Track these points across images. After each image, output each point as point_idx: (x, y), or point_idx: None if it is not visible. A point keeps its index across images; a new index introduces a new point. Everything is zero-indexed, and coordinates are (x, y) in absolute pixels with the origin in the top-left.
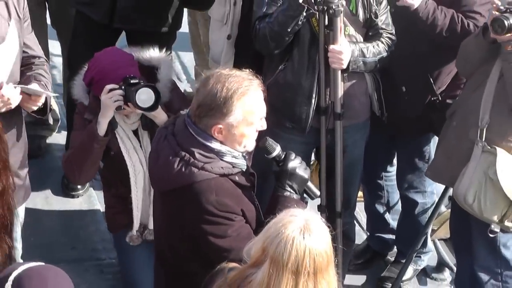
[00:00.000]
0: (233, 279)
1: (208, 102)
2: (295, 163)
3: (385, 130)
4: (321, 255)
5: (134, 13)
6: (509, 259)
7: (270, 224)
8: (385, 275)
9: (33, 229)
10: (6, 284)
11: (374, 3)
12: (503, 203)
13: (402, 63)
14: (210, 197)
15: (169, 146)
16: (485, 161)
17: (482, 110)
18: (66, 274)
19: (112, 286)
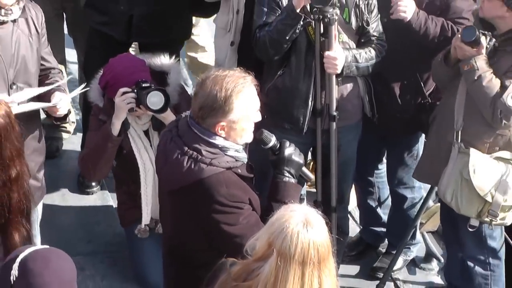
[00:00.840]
0: (238, 273)
1: (210, 103)
2: (290, 150)
3: (376, 130)
4: (323, 245)
5: (149, 28)
6: (495, 248)
7: (273, 220)
8: (377, 265)
9: (51, 224)
10: (14, 265)
11: (366, 12)
12: (477, 201)
13: (394, 67)
14: (221, 189)
15: (176, 147)
16: (461, 161)
17: (456, 114)
18: (68, 256)
19: (125, 277)
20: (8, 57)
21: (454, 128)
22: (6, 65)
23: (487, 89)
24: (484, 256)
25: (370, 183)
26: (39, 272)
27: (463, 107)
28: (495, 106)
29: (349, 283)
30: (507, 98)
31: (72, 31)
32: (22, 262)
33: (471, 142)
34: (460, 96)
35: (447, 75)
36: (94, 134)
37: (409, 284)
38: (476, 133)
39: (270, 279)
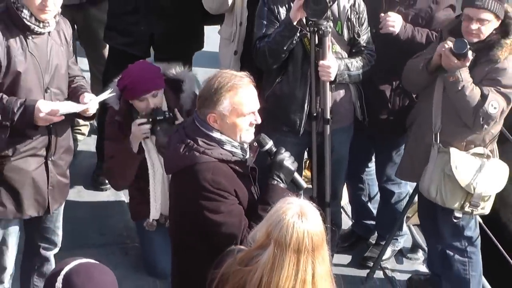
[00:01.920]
0: (242, 259)
1: (204, 93)
2: (283, 156)
3: (367, 132)
4: (317, 234)
5: (169, 43)
6: (471, 237)
7: (272, 212)
8: (367, 255)
9: (68, 218)
10: (58, 277)
11: (357, 25)
12: (460, 193)
13: (384, 74)
14: (207, 175)
15: (178, 136)
16: (441, 160)
17: (434, 117)
18: (110, 270)
19: (135, 267)
20: (44, 63)
21: (432, 131)
22: (42, 71)
23: (469, 98)
24: (461, 245)
25: (360, 180)
26: (82, 286)
27: (440, 111)
28: (477, 113)
29: (342, 272)
30: (488, 106)
31: (83, 41)
32: (67, 275)
33: (449, 142)
34: (436, 101)
35: (426, 81)
36: (112, 143)
37: (397, 273)
38: (453, 134)
39: (267, 266)
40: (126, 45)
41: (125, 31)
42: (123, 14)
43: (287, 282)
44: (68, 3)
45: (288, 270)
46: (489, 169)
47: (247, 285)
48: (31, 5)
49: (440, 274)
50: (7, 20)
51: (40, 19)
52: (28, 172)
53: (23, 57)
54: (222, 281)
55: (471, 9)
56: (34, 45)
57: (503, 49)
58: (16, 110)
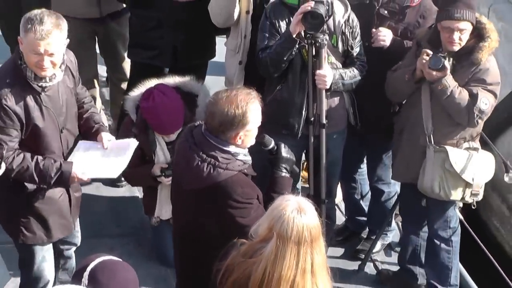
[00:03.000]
0: (245, 251)
1: (230, 120)
2: (286, 151)
3: (359, 136)
4: (314, 227)
5: (190, 53)
6: (455, 227)
7: (272, 208)
8: (359, 248)
9: (87, 212)
10: (84, 274)
11: (351, 38)
12: (461, 185)
13: (376, 82)
14: (238, 189)
15: (196, 154)
16: (439, 158)
17: (425, 121)
18: (132, 268)
19: (147, 256)
20: (57, 110)
21: (425, 133)
22: (57, 117)
23: (460, 101)
24: (447, 235)
25: (353, 180)
26: (106, 283)
27: (430, 115)
28: (471, 112)
29: (336, 263)
30: (480, 103)
31: (103, 51)
32: (92, 271)
33: (443, 141)
34: (425, 106)
35: (412, 90)
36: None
37: (386, 264)
38: (445, 134)
39: (271, 257)
40: (150, 58)
41: (149, 45)
42: (147, 30)
43: (289, 271)
44: (90, 17)
45: (289, 260)
46: (480, 160)
47: (252, 275)
48: (30, 64)
49: (421, 265)
50: (20, 79)
51: (41, 76)
52: (55, 200)
53: (39, 112)
54: (228, 272)
55: (450, 21)
56: (48, 98)
57: (483, 51)
58: (53, 175)
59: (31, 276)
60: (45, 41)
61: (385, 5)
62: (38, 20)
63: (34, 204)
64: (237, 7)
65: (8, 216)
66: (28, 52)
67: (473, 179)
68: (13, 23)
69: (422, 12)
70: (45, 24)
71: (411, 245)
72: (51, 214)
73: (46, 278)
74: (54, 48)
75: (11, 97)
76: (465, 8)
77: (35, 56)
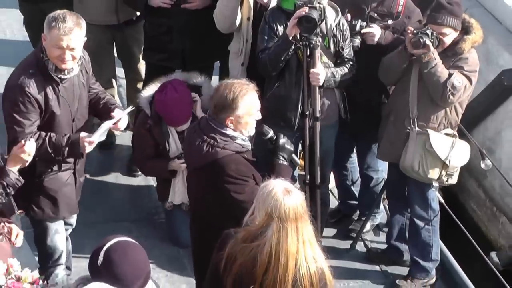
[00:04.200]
0: (245, 237)
1: (221, 102)
2: (284, 140)
3: (349, 129)
4: (303, 202)
5: (197, 56)
6: (435, 208)
7: (263, 197)
8: (351, 228)
9: (107, 198)
10: (101, 252)
11: (341, 40)
12: (439, 165)
13: (367, 77)
14: (232, 166)
15: (198, 136)
16: (421, 140)
17: (411, 105)
18: (142, 249)
19: (161, 238)
20: (71, 100)
21: (410, 117)
22: (71, 107)
23: (440, 74)
24: (428, 215)
25: (345, 168)
26: (118, 261)
27: (416, 101)
28: (445, 86)
29: (330, 242)
30: (454, 80)
31: (120, 54)
32: (107, 251)
33: (425, 125)
34: (412, 91)
35: (402, 65)
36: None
37: (375, 243)
38: (428, 118)
39: (274, 238)
40: (162, 60)
41: (160, 48)
42: (158, 35)
43: (292, 246)
44: (109, 24)
45: (292, 236)
46: (457, 146)
47: (258, 256)
48: (52, 57)
49: (406, 242)
50: (41, 71)
51: (62, 69)
52: (62, 182)
53: (57, 101)
54: (230, 260)
55: (434, 26)
56: (64, 89)
57: (466, 43)
58: (64, 145)
59: (46, 249)
60: (67, 37)
61: (375, 9)
62: (62, 18)
63: (44, 185)
64: (239, 14)
65: (22, 194)
66: (51, 47)
67: (450, 161)
68: (40, 31)
69: (407, 14)
70: (67, 22)
71: (397, 225)
72: (59, 194)
73: (60, 250)
74: (74, 43)
75: (34, 86)
76: (448, 15)
77: (57, 50)
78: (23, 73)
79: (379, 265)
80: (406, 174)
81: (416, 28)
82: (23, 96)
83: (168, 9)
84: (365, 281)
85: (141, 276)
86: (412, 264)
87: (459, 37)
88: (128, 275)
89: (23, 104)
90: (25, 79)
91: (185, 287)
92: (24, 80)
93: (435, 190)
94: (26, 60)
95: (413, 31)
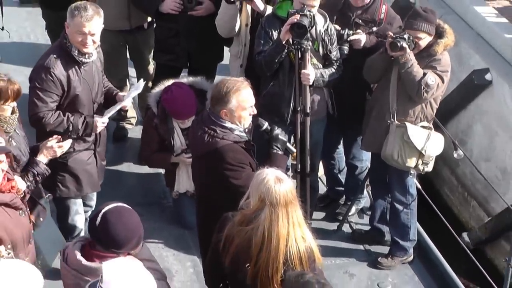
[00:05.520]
0: (241, 220)
1: (216, 95)
2: (277, 132)
3: (337, 123)
4: (292, 188)
5: (202, 56)
6: (413, 193)
7: (257, 184)
8: (338, 212)
9: (120, 185)
10: (99, 214)
11: (329, 44)
12: (416, 154)
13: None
14: (230, 154)
15: (200, 127)
16: (399, 132)
17: (391, 102)
18: (136, 213)
19: (169, 221)
20: (91, 84)
21: (390, 112)
22: (91, 90)
23: (416, 73)
24: (406, 200)
25: (332, 158)
26: (113, 221)
27: (395, 97)
28: (420, 84)
29: (319, 224)
30: (428, 79)
31: (132, 56)
32: (104, 214)
33: (403, 119)
34: (392, 89)
35: (383, 64)
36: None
37: (359, 225)
38: (406, 113)
39: (267, 221)
40: (170, 61)
41: (169, 50)
42: (167, 38)
43: (283, 228)
44: (122, 29)
45: (282, 220)
46: (432, 137)
47: (253, 238)
48: (75, 42)
49: (387, 224)
50: (65, 55)
51: (83, 53)
52: (84, 161)
53: (79, 83)
54: (228, 241)
55: (411, 31)
56: (85, 72)
57: (439, 46)
58: (80, 126)
59: (67, 226)
60: (89, 23)
61: (360, 16)
62: (83, 7)
63: (68, 164)
64: (238, 21)
65: (48, 176)
66: (74, 33)
67: (425, 151)
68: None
69: (389, 20)
70: (88, 10)
71: (379, 209)
72: (81, 172)
73: (79, 228)
74: (95, 29)
75: (58, 67)
76: (423, 21)
77: (80, 35)
78: (48, 57)
79: (363, 245)
80: (387, 163)
81: (396, 33)
82: (47, 75)
83: (176, 15)
84: (350, 259)
85: (134, 237)
86: (392, 244)
87: (434, 40)
88: (121, 234)
89: (46, 82)
90: (50, 61)
91: (190, 264)
92: (49, 62)
93: (413, 177)
94: (50, 48)
95: (392, 35)
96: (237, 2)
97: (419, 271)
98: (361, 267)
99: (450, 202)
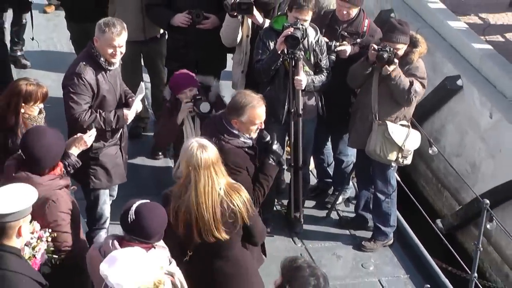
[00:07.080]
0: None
1: (233, 105)
2: (276, 146)
3: (326, 123)
4: (214, 154)
5: (208, 65)
6: (393, 184)
7: (184, 151)
8: (326, 201)
9: (134, 177)
10: (130, 210)
11: (319, 53)
12: (396, 149)
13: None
14: (231, 158)
15: (211, 129)
16: (381, 130)
17: (373, 104)
18: (163, 207)
19: None
20: (115, 86)
21: (372, 112)
22: (116, 92)
23: (404, 83)
24: (388, 190)
25: (322, 153)
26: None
27: (377, 99)
28: (410, 92)
29: (310, 212)
30: (416, 87)
31: (146, 64)
32: (137, 208)
33: (385, 118)
34: (374, 93)
35: (364, 72)
36: (163, 119)
37: (345, 212)
38: (387, 113)
39: (193, 186)
40: (180, 67)
41: (179, 59)
42: (178, 48)
43: (206, 187)
44: (138, 40)
45: (205, 181)
46: (411, 134)
47: (190, 205)
48: (105, 54)
49: (370, 212)
50: (92, 62)
51: (111, 62)
52: (113, 155)
53: (106, 86)
54: (176, 213)
55: (390, 43)
56: (110, 76)
57: (414, 54)
58: (113, 119)
59: (96, 215)
60: (118, 37)
61: (345, 28)
62: (112, 23)
63: (100, 159)
64: (240, 33)
65: (80, 168)
66: (105, 47)
67: (404, 146)
68: (82, 45)
69: (371, 33)
70: (117, 26)
71: (363, 198)
72: (110, 165)
73: (106, 216)
74: (123, 42)
75: (87, 73)
76: (400, 34)
77: (110, 48)
78: (78, 64)
79: (348, 230)
80: (370, 158)
81: (378, 45)
82: (79, 80)
83: (186, 28)
84: (338, 242)
85: (161, 230)
86: (374, 229)
87: (409, 49)
88: (153, 227)
89: (78, 87)
90: (80, 68)
91: None
92: (80, 68)
93: (393, 169)
94: (78, 57)
95: (376, 47)
96: (239, 16)
97: (398, 253)
98: (347, 249)
99: (425, 192)
